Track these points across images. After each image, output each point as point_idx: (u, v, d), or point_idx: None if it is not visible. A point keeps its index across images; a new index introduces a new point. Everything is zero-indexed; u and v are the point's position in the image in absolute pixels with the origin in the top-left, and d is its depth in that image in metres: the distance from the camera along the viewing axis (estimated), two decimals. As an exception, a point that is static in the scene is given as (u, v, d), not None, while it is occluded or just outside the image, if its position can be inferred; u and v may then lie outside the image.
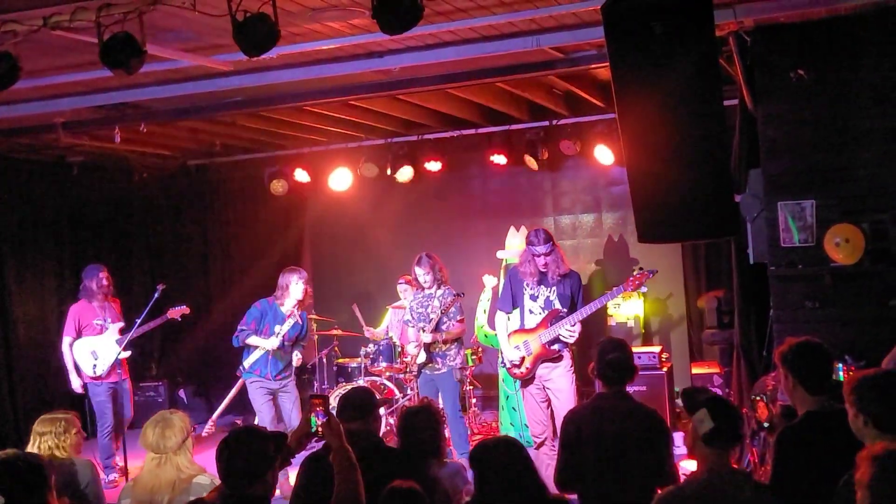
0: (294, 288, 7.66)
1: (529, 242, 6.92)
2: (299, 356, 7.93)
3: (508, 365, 7.05)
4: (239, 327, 7.66)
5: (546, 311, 6.89)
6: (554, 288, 6.90)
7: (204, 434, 9.61)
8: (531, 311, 6.98)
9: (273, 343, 7.51)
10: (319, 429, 3.85)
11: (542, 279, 6.92)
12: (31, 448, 4.82)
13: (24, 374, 9.93)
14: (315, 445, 4.21)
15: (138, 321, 8.10)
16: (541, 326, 6.87)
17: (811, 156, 6.45)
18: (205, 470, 4.44)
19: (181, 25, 5.50)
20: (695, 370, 8.71)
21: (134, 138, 8.97)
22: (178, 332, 11.57)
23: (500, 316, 7.21)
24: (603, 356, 4.81)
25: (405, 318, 8.35)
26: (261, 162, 11.18)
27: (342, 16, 5.48)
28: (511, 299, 7.11)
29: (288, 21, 5.30)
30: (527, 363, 6.92)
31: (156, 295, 8.16)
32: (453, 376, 8.01)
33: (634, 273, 6.88)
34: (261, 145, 10.76)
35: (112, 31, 4.78)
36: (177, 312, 8.63)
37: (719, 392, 8.15)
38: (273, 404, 7.73)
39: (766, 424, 5.46)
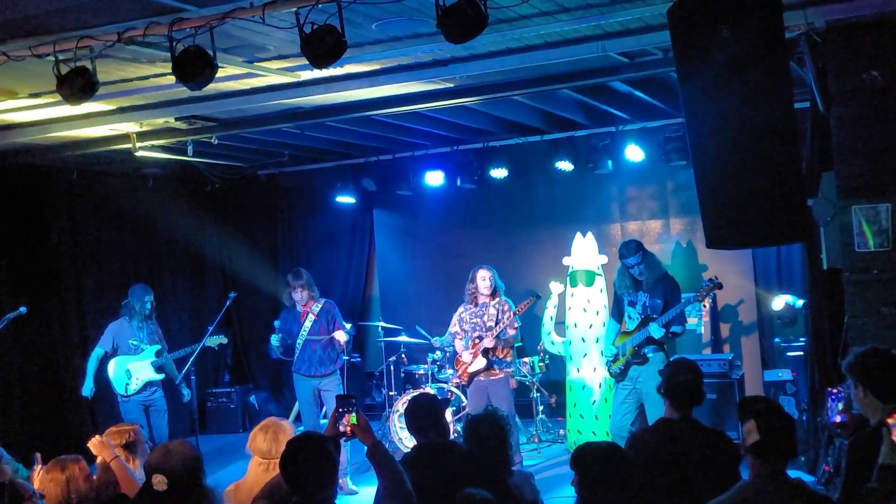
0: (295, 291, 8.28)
1: (621, 255, 7.42)
2: (343, 335, 8.20)
3: (609, 360, 7.57)
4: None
5: (642, 316, 7.29)
6: (649, 293, 7.33)
7: None
8: (630, 317, 7.41)
9: (298, 343, 8.20)
10: (348, 429, 3.83)
11: (637, 286, 7.37)
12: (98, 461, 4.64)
13: (100, 391, 9.38)
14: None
15: (199, 343, 8.30)
16: (636, 330, 7.30)
17: (886, 158, 6.22)
18: None
19: (251, 38, 5.60)
20: (767, 377, 8.54)
21: (206, 150, 9.16)
22: (249, 341, 11.77)
23: (612, 323, 7.75)
24: (674, 377, 4.67)
25: (452, 329, 8.30)
26: (328, 171, 11.30)
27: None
28: (618, 311, 7.64)
29: (354, 32, 5.36)
30: (619, 364, 7.38)
31: (228, 303, 8.37)
32: (508, 383, 8.06)
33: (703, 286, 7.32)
34: (328, 155, 10.88)
35: (184, 45, 4.89)
36: (214, 341, 8.51)
37: (793, 400, 8.00)
38: (318, 405, 8.27)
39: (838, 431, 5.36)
